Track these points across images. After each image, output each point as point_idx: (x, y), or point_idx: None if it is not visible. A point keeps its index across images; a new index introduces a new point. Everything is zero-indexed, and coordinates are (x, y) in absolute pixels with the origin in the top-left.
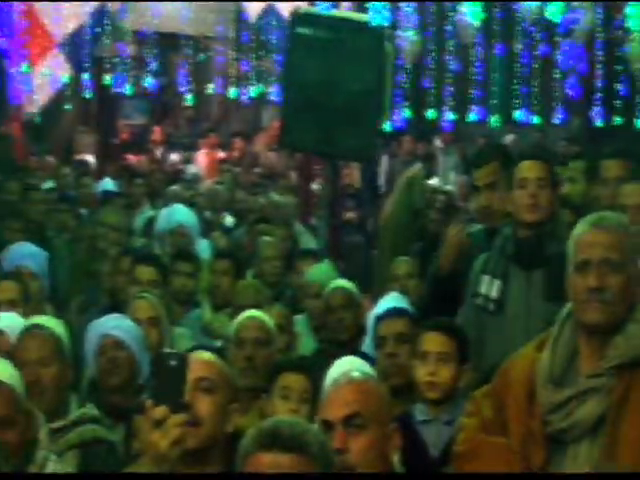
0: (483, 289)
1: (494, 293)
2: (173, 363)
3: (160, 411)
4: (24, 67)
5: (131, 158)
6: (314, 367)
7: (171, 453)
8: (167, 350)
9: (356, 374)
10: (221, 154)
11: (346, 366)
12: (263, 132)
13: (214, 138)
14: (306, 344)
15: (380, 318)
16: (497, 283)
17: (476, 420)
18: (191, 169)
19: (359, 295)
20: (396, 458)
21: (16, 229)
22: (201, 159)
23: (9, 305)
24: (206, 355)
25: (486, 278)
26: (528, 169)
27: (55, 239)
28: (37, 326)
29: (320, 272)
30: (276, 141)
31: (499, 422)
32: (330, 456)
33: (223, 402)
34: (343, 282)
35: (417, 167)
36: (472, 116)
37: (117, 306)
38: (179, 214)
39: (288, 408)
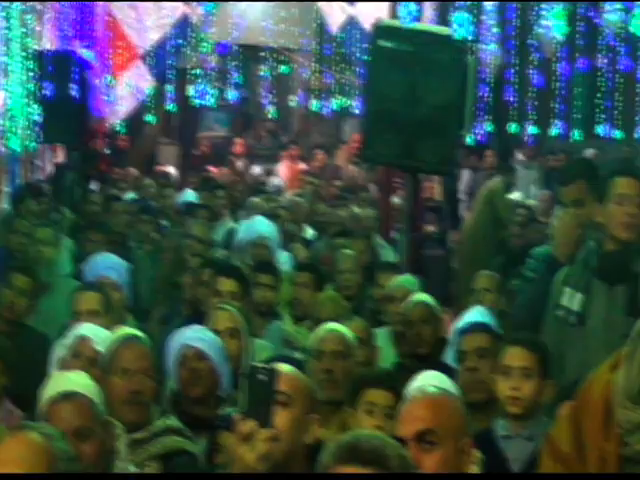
0: (565, 301)
1: (576, 306)
2: (262, 378)
3: (248, 425)
4: (107, 79)
5: (212, 170)
6: (399, 382)
7: (258, 467)
8: (257, 364)
9: (431, 389)
10: (302, 166)
11: (424, 380)
12: (344, 145)
13: (295, 150)
14: (386, 357)
15: (462, 332)
16: (579, 296)
17: (553, 463)
18: (274, 181)
19: (439, 309)
20: (475, 470)
21: (98, 240)
22: (282, 171)
23: (91, 315)
24: (283, 368)
25: (568, 290)
26: (627, 186)
27: (136, 250)
28: (135, 337)
29: (403, 283)
30: (357, 154)
31: (577, 455)
32: (410, 470)
33: (300, 415)
34: (423, 296)
35: (497, 181)
36: (554, 130)
37: (198, 317)
38: (260, 226)
39: (372, 424)
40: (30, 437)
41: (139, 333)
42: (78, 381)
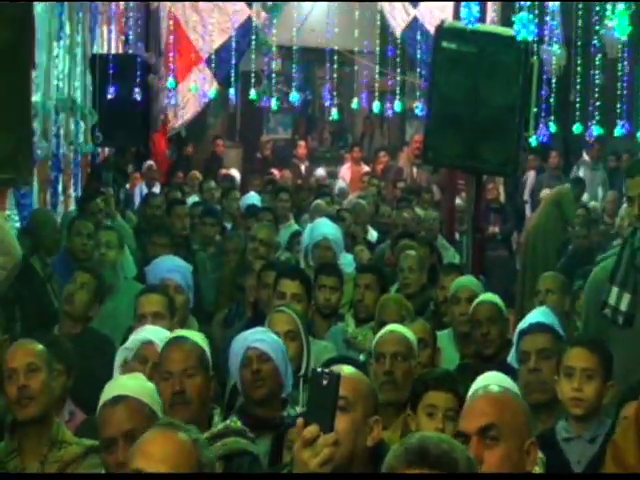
0: (612, 300)
1: (624, 306)
2: (325, 382)
3: (311, 430)
4: (170, 82)
5: (276, 173)
6: (460, 384)
7: (321, 472)
8: (320, 369)
9: (495, 387)
10: (365, 168)
11: (488, 380)
12: (407, 147)
13: (358, 152)
14: (449, 359)
15: (523, 333)
16: (627, 296)
17: (617, 470)
18: (337, 183)
19: (505, 309)
20: (537, 471)
21: (162, 243)
22: (345, 173)
23: (155, 318)
24: (344, 371)
25: (615, 289)
26: None
27: (200, 253)
28: (181, 338)
29: (466, 284)
30: (419, 156)
31: None
32: (476, 472)
33: (361, 419)
34: (491, 296)
35: (567, 187)
36: (619, 130)
37: (261, 319)
38: (324, 228)
39: (433, 426)
40: (181, 438)
41: (187, 333)
42: (132, 384)
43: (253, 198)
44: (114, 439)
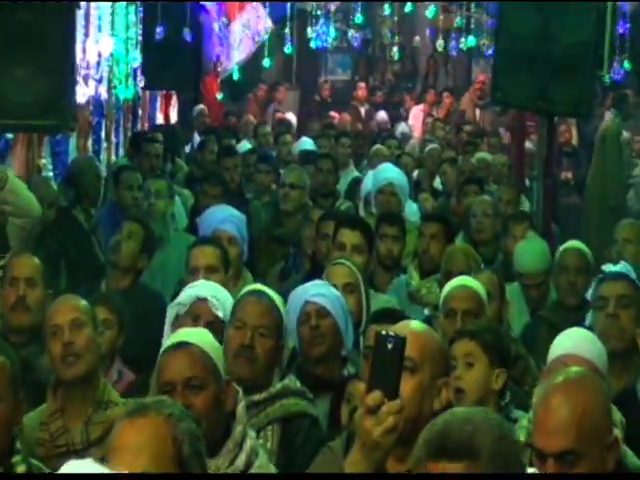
0: None
1: None
2: (390, 346)
3: (375, 397)
4: (222, 21)
5: (334, 116)
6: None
7: (385, 441)
8: (385, 331)
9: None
10: (430, 111)
11: (572, 340)
12: (473, 87)
13: (428, 94)
14: (519, 313)
15: (602, 280)
16: None
17: None
18: (400, 127)
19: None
20: (617, 433)
21: (214, 193)
22: (418, 115)
23: (207, 271)
24: (410, 328)
25: None
26: None
27: (254, 202)
28: (262, 293)
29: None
30: (481, 96)
31: None
32: (507, 453)
33: (427, 381)
34: (577, 243)
35: (610, 120)
36: None
37: (319, 272)
38: (389, 172)
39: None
40: (153, 422)
41: (268, 290)
42: (196, 334)
43: (307, 143)
44: (173, 384)
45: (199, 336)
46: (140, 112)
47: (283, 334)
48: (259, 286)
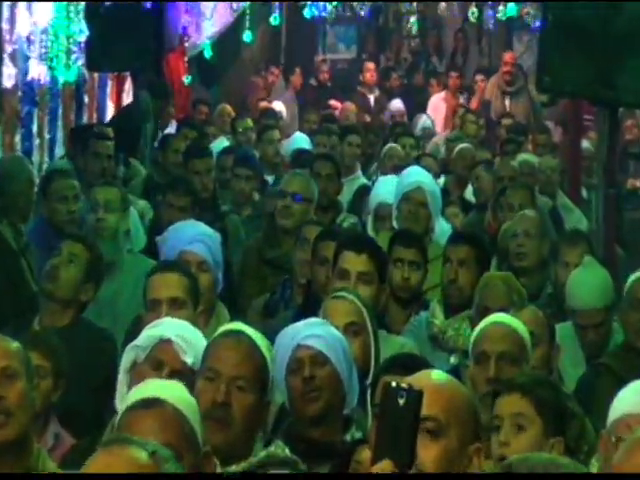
0: None
1: None
2: (402, 401)
3: (384, 468)
4: None
5: (335, 105)
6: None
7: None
8: (397, 383)
9: None
10: (458, 99)
11: None
12: (500, 70)
13: (456, 79)
14: (572, 359)
15: None
16: None
17: None
18: (422, 121)
19: None
20: None
21: (181, 205)
22: (438, 106)
23: (171, 305)
24: (431, 379)
25: None
26: None
27: (232, 216)
28: (240, 333)
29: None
30: (511, 82)
31: None
32: None
33: (456, 447)
34: None
35: None
36: None
37: (315, 307)
38: (418, 175)
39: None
40: (136, 457)
41: (248, 330)
42: (168, 388)
43: (300, 140)
44: None
45: (172, 390)
46: (86, 99)
47: (268, 387)
48: (237, 325)
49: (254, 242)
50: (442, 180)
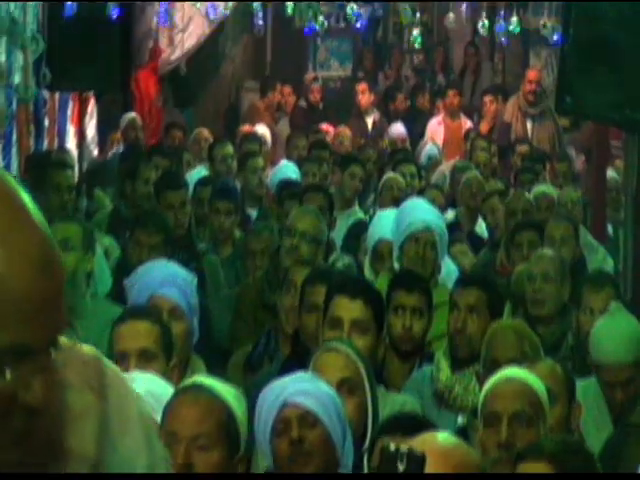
0: None
1: None
2: (402, 467)
3: None
4: None
5: (327, 130)
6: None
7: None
8: (396, 445)
9: None
10: (468, 123)
11: None
12: (521, 88)
13: (455, 97)
14: (596, 421)
15: None
16: None
17: None
18: (426, 147)
19: None
20: None
21: (152, 243)
22: (436, 131)
23: (142, 357)
24: (436, 442)
25: None
26: None
27: (210, 256)
28: (198, 387)
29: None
30: (535, 102)
31: None
32: None
33: None
34: None
35: None
36: None
37: (304, 360)
38: (425, 212)
39: None
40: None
41: (211, 383)
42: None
43: (287, 169)
44: None
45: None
46: (46, 122)
47: (238, 442)
48: (198, 379)
49: (252, 282)
50: (449, 214)
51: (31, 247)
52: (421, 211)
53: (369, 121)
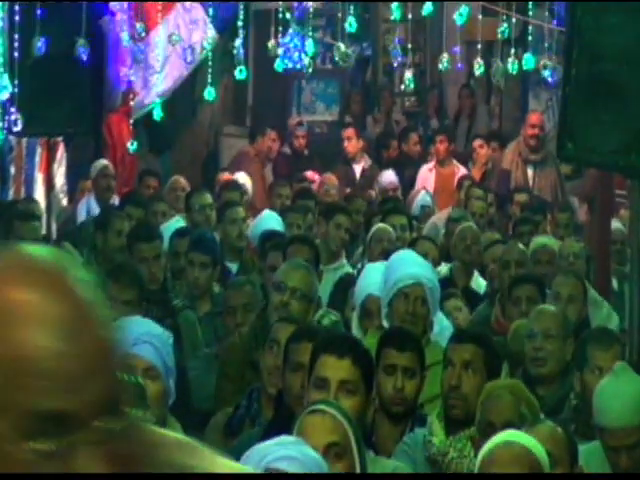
0: None
1: None
2: None
3: None
4: (137, 30)
5: (312, 178)
6: None
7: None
8: None
9: None
10: (461, 170)
11: None
12: (522, 133)
13: (444, 143)
14: None
15: None
16: None
17: None
18: (419, 197)
19: None
20: None
21: (124, 298)
22: (426, 178)
23: None
24: None
25: None
26: None
27: (186, 312)
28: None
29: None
30: (537, 147)
31: None
32: None
33: None
34: None
35: None
36: None
37: (287, 423)
38: (414, 266)
39: None
40: None
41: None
42: None
43: (270, 219)
44: None
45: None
46: (12, 170)
47: None
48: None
49: (239, 340)
50: (443, 268)
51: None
52: (410, 264)
53: (357, 168)
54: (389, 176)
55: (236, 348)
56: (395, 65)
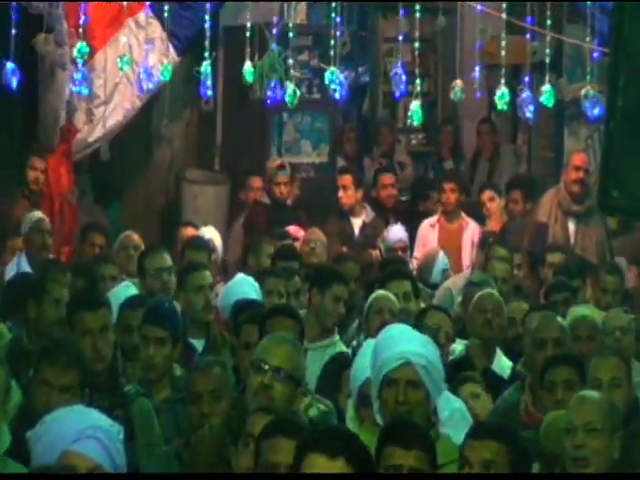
0: None
1: None
2: None
3: None
4: (80, 51)
5: (294, 234)
6: None
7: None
8: None
9: None
10: (469, 225)
11: None
12: (564, 179)
13: (453, 191)
14: None
15: None
16: None
17: None
18: (438, 260)
19: None
20: None
21: (63, 383)
22: (428, 235)
23: None
24: None
25: None
26: None
27: (140, 399)
28: None
29: None
30: (580, 195)
31: None
32: None
33: None
34: None
35: None
36: None
37: None
38: (404, 342)
39: None
40: None
41: None
42: None
43: (244, 285)
44: None
45: None
46: None
47: None
48: None
49: (209, 433)
50: (458, 345)
51: None
52: (397, 342)
53: (356, 223)
54: (398, 232)
55: (205, 443)
56: (398, 95)
